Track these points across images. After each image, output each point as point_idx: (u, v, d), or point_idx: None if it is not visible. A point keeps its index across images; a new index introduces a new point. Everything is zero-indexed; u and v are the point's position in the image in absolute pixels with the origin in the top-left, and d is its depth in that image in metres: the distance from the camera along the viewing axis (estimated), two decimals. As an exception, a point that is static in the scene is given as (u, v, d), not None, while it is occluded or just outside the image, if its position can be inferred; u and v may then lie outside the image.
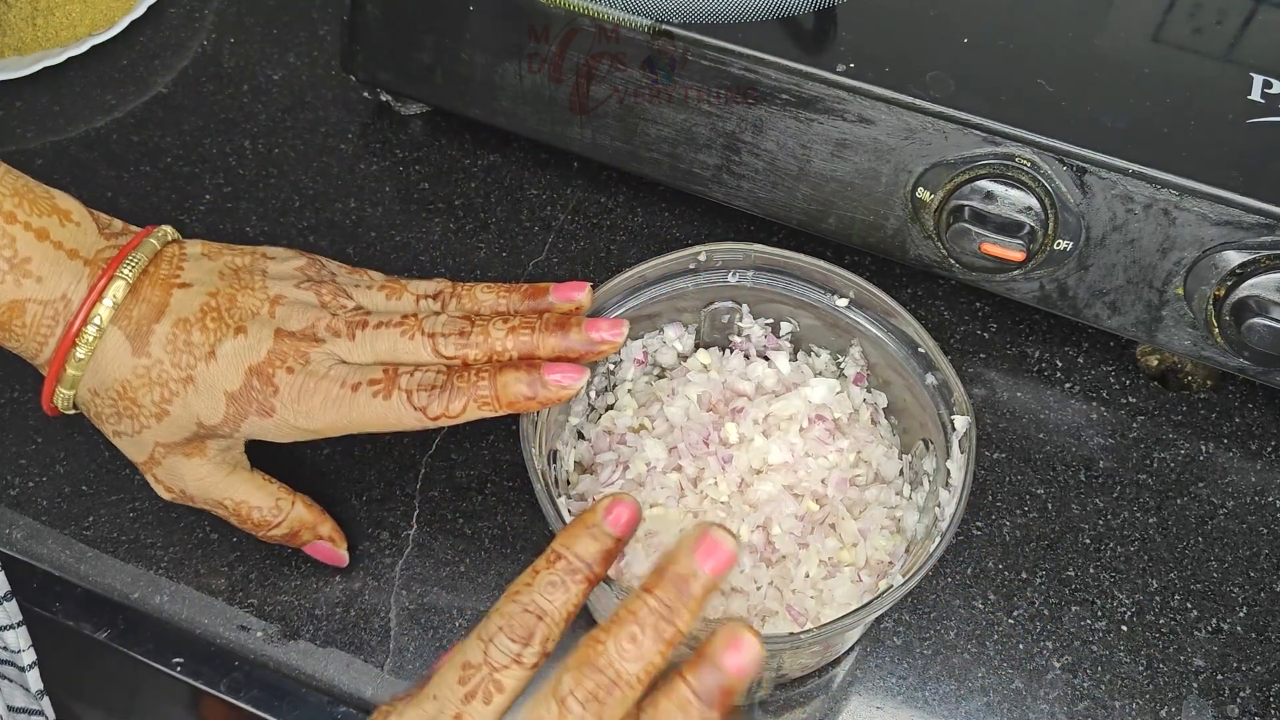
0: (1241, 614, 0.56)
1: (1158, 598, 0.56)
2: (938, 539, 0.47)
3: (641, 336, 0.58)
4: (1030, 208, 0.56)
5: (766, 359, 0.57)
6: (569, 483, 0.55)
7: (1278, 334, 0.53)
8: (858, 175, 0.60)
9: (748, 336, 0.58)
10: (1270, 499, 0.59)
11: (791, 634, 0.44)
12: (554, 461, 0.53)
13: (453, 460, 0.59)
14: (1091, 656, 0.54)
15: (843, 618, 0.45)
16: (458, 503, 0.58)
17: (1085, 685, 0.54)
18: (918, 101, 0.56)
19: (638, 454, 0.54)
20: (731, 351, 0.58)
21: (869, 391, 0.56)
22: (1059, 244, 0.57)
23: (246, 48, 0.76)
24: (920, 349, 0.52)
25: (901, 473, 0.54)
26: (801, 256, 0.54)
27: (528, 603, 0.39)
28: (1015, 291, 0.60)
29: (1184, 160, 0.54)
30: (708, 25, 0.58)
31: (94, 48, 0.74)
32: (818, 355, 0.57)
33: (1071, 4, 0.61)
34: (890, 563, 0.51)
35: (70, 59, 0.73)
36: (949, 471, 0.50)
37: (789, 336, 0.58)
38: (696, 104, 0.61)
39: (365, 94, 0.73)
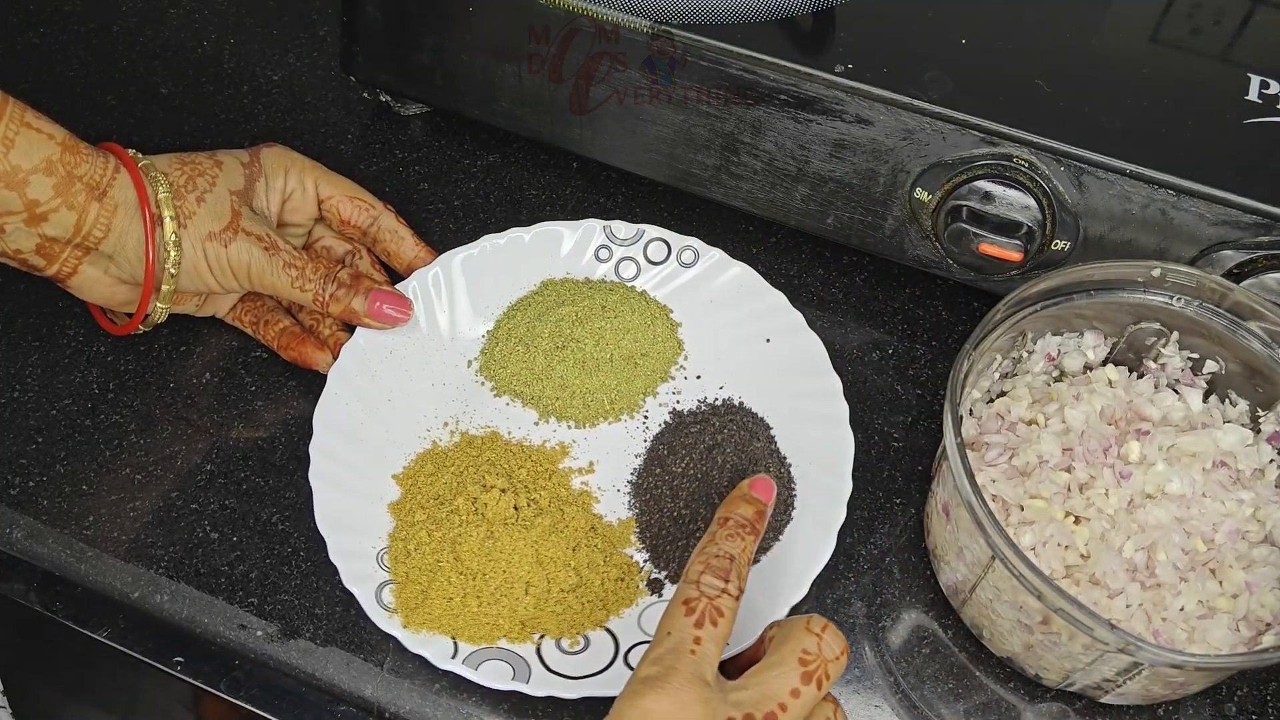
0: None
1: None
2: None
3: (1060, 335, 0.58)
4: (1028, 208, 0.56)
5: (1177, 392, 0.57)
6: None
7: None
8: (856, 176, 0.60)
9: (1163, 365, 0.57)
10: None
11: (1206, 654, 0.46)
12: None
13: (452, 460, 0.60)
14: None
15: (1231, 657, 0.46)
16: (457, 502, 0.58)
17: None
18: (916, 102, 0.56)
19: (1029, 445, 0.54)
20: (1141, 375, 0.57)
21: None
22: (1057, 244, 0.57)
23: (246, 48, 0.76)
24: None
25: None
26: (1265, 303, 0.52)
27: (717, 551, 0.48)
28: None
29: (1181, 160, 0.54)
30: (707, 26, 0.59)
31: (93, 47, 0.74)
32: (1234, 404, 0.56)
33: (1070, 4, 0.61)
34: (1270, 624, 0.51)
35: (70, 59, 0.73)
36: None
37: (1208, 377, 0.57)
38: (695, 104, 0.61)
39: (365, 94, 0.73)
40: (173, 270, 0.57)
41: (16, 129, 0.53)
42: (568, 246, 0.64)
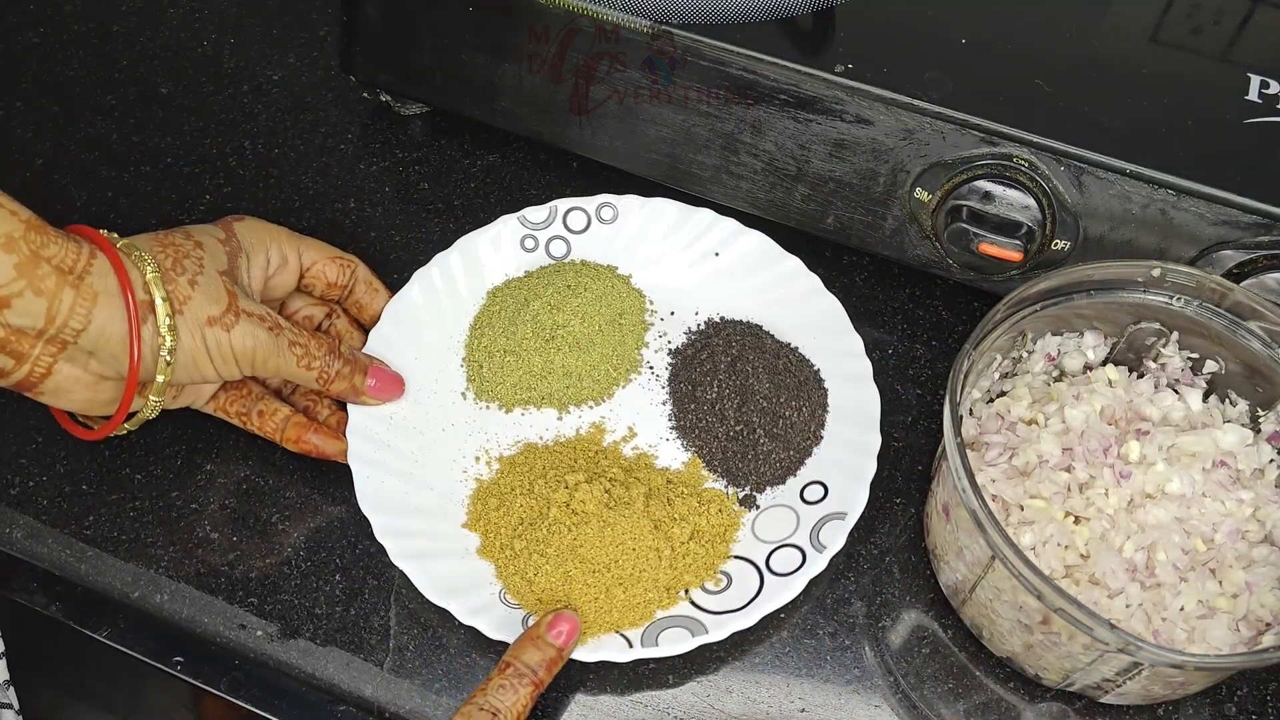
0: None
1: None
2: None
3: (1060, 335, 0.58)
4: (1028, 208, 0.56)
5: (1177, 392, 0.57)
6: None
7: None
8: (856, 175, 0.60)
9: (1163, 365, 0.57)
10: None
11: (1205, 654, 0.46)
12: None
13: (452, 460, 0.60)
14: None
15: (1231, 657, 0.46)
16: (457, 502, 0.58)
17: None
18: (916, 102, 0.56)
19: (1029, 445, 0.54)
20: (1141, 375, 0.58)
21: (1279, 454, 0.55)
22: (1056, 244, 0.57)
23: (246, 48, 0.76)
24: None
25: None
26: (1265, 303, 0.52)
27: (483, 703, 0.48)
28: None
29: (1181, 160, 0.54)
30: (707, 26, 0.59)
31: (93, 47, 0.74)
32: (1234, 404, 0.56)
33: (1070, 4, 0.61)
34: (1270, 624, 0.51)
35: (70, 59, 0.73)
36: None
37: (1207, 377, 0.57)
38: (695, 104, 0.61)
39: (365, 94, 0.73)
40: (168, 359, 0.52)
41: None
42: (490, 251, 0.64)
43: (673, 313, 0.64)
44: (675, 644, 0.52)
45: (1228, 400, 0.56)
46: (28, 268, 0.47)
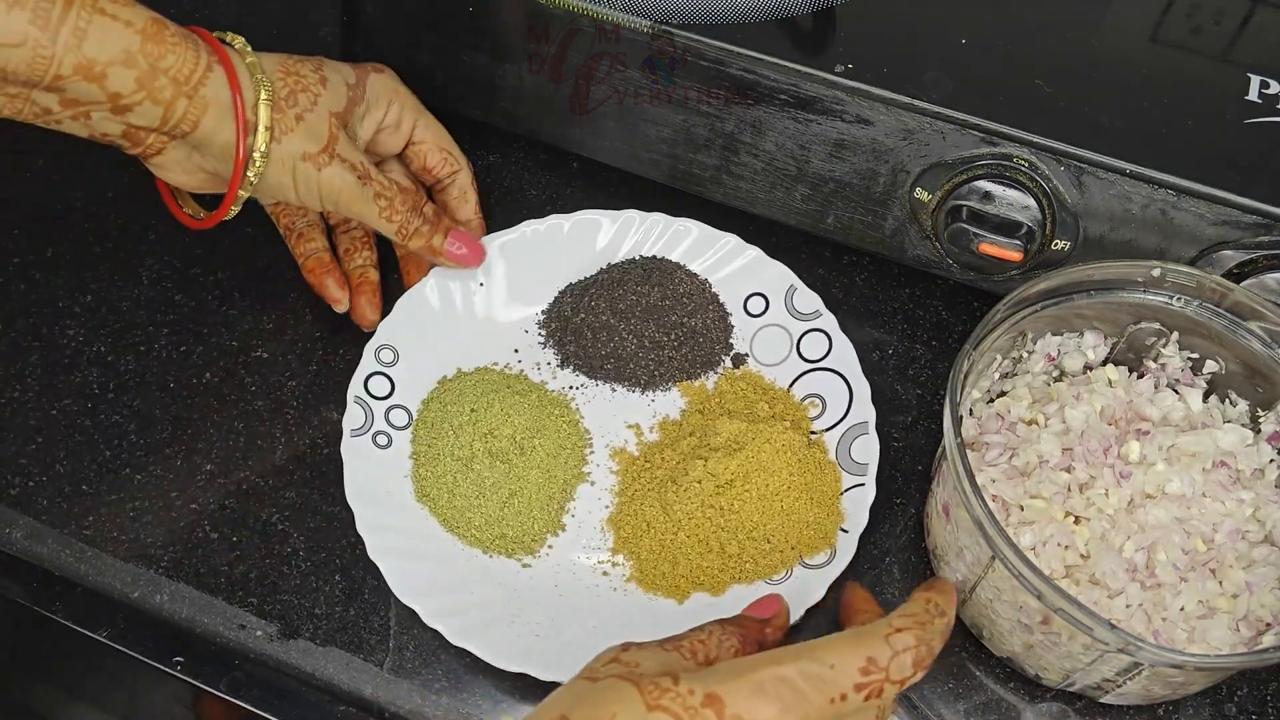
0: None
1: None
2: None
3: (1060, 335, 0.58)
4: (1028, 208, 0.56)
5: (1177, 392, 0.57)
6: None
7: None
8: (856, 176, 0.60)
9: (1163, 365, 0.57)
10: None
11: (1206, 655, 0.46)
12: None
13: (452, 460, 0.60)
14: None
15: (1231, 657, 0.46)
16: (457, 502, 0.58)
17: None
18: (916, 102, 0.56)
19: (1029, 445, 0.54)
20: (1142, 375, 0.58)
21: None
22: (1056, 244, 0.57)
23: (246, 48, 0.76)
24: None
25: None
26: (1265, 303, 0.52)
27: (924, 638, 0.42)
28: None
29: (1181, 160, 0.54)
30: (707, 26, 0.59)
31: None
32: (1234, 404, 0.56)
33: (1070, 4, 0.61)
34: (1270, 624, 0.51)
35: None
36: None
37: (1208, 377, 0.57)
38: (696, 105, 0.61)
39: (365, 94, 0.73)
40: (253, 179, 0.54)
41: (89, 17, 0.49)
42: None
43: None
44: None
45: (1228, 400, 0.56)
46: (147, 79, 0.50)
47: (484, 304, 0.63)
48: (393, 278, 0.65)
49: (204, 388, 0.62)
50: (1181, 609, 0.51)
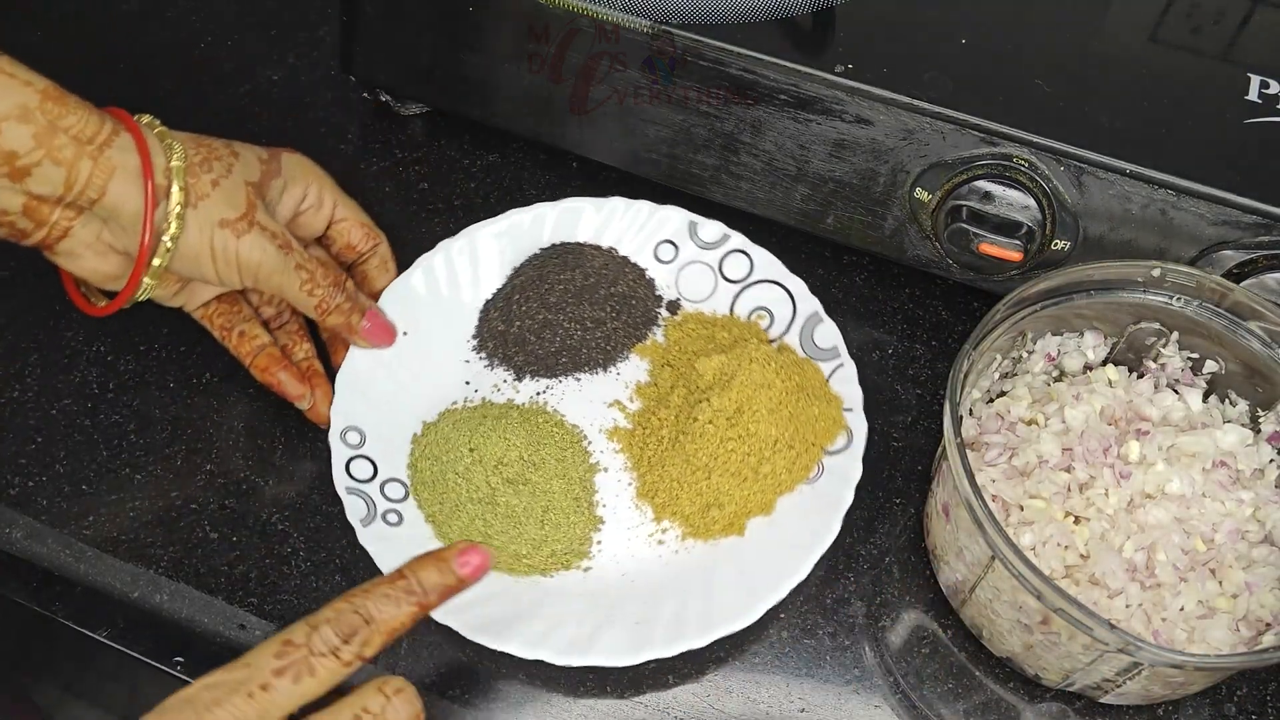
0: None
1: None
2: None
3: (1061, 335, 0.58)
4: (1028, 208, 0.56)
5: (1177, 392, 0.57)
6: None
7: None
8: (856, 176, 0.60)
9: (1163, 365, 0.57)
10: None
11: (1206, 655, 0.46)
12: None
13: (452, 460, 0.60)
14: None
15: (1231, 657, 0.46)
16: (457, 502, 0.58)
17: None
18: (916, 102, 0.56)
19: (1029, 445, 0.54)
20: (1141, 375, 0.58)
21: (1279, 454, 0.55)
22: (1056, 244, 0.57)
23: (246, 48, 0.76)
24: None
25: None
26: (1265, 303, 0.53)
27: (359, 606, 0.43)
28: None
29: (1181, 160, 0.54)
30: (707, 26, 0.59)
31: (94, 47, 0.74)
32: (1234, 404, 0.56)
33: (1070, 4, 0.61)
34: (1270, 624, 0.51)
35: (70, 59, 0.73)
36: None
37: (1207, 377, 0.57)
38: (695, 104, 0.61)
39: (365, 94, 0.73)
40: (169, 244, 0.53)
41: None
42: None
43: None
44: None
45: (1228, 400, 0.56)
46: (45, 136, 0.49)
47: (417, 353, 0.61)
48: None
49: (204, 388, 0.62)
50: (1181, 609, 0.51)
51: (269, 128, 0.72)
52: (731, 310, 0.64)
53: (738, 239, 0.64)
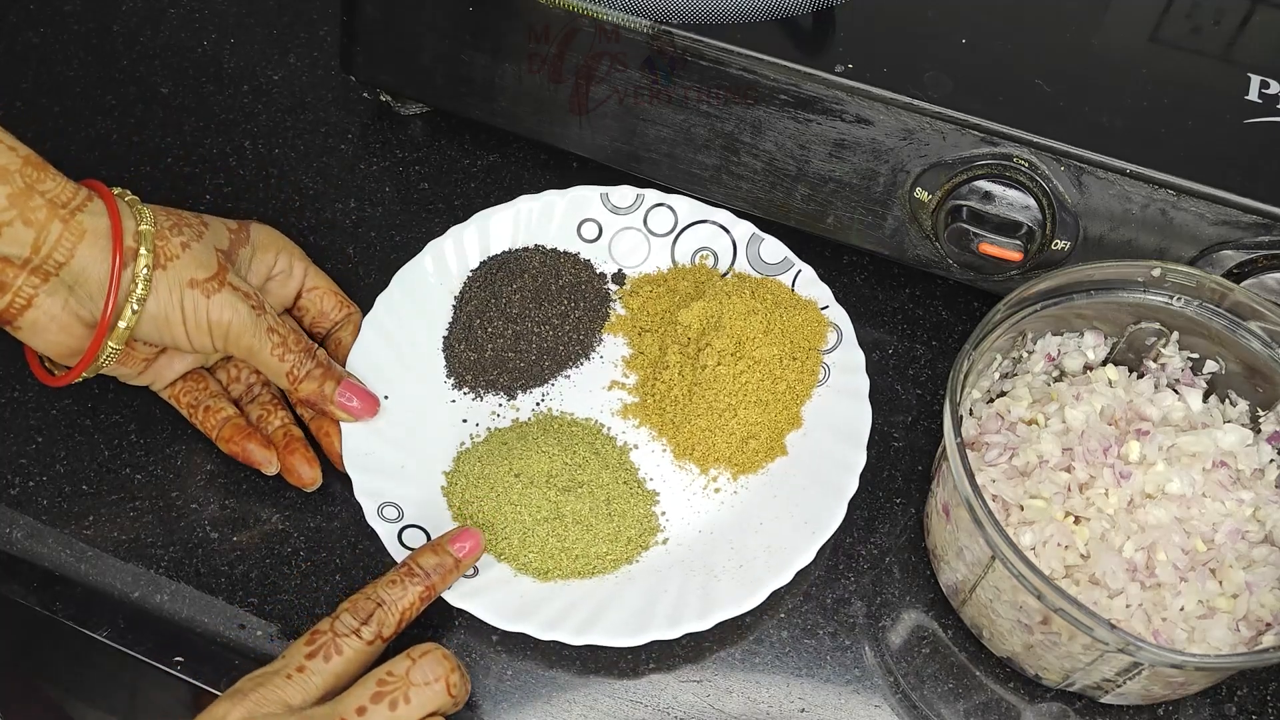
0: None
1: None
2: None
3: (1060, 335, 0.58)
4: (1028, 208, 0.56)
5: (1177, 392, 0.57)
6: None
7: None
8: (856, 176, 0.60)
9: (1163, 365, 0.57)
10: None
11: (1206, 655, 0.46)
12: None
13: (452, 460, 0.60)
14: None
15: (1231, 657, 0.46)
16: (457, 502, 0.58)
17: None
18: (916, 102, 0.56)
19: (1029, 445, 0.54)
20: (1141, 375, 0.58)
21: None
22: (1057, 244, 0.57)
23: (246, 48, 0.76)
24: None
25: None
26: (1265, 303, 0.52)
27: (371, 593, 0.50)
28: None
29: (1181, 160, 0.54)
30: (707, 26, 0.59)
31: (93, 47, 0.74)
32: (1234, 404, 0.56)
33: (1070, 4, 0.61)
34: (1270, 624, 0.51)
35: (70, 59, 0.73)
36: None
37: (1208, 377, 0.57)
38: (695, 104, 0.61)
39: (365, 94, 0.73)
40: (135, 306, 0.52)
41: None
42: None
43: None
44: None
45: (1228, 400, 0.56)
46: (21, 198, 0.50)
47: (401, 410, 0.59)
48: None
49: (204, 388, 0.62)
50: (1181, 609, 0.51)
51: (269, 128, 0.72)
52: (674, 261, 0.65)
53: (653, 195, 0.65)
